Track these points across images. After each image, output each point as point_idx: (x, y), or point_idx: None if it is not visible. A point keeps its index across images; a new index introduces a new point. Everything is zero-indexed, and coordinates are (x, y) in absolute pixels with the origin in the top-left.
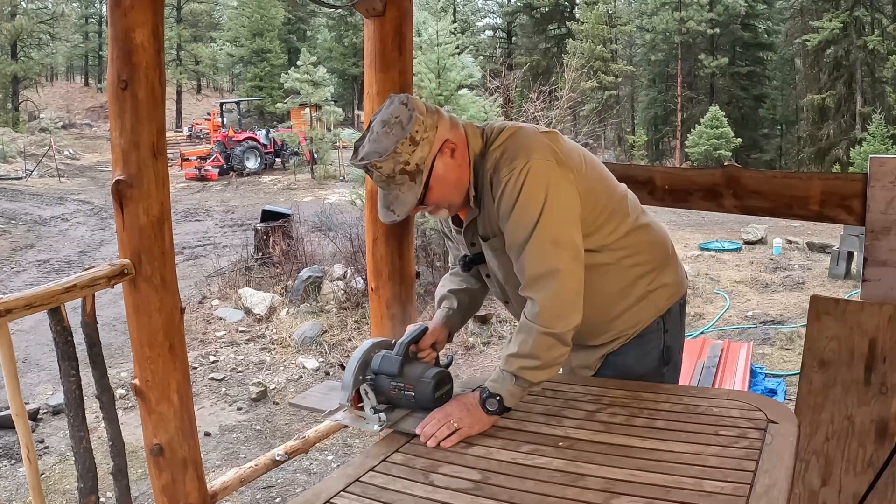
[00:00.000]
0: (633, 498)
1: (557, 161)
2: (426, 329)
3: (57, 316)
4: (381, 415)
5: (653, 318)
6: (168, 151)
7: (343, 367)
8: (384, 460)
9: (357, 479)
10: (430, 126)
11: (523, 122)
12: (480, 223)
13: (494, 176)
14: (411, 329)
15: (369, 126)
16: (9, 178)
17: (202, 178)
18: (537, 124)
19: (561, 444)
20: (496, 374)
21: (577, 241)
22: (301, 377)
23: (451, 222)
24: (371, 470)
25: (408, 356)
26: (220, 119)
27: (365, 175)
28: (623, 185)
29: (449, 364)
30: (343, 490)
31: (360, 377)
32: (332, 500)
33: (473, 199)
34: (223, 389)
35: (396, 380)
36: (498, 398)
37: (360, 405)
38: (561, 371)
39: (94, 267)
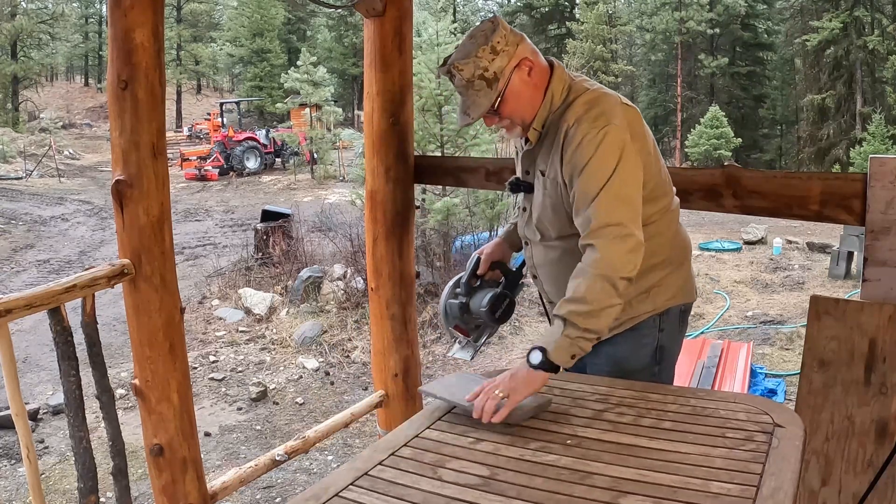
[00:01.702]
0: (641, 497)
1: (632, 134)
2: (479, 260)
3: (57, 316)
4: (470, 350)
5: (649, 314)
6: (168, 151)
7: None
8: (392, 454)
9: (365, 473)
10: (511, 42)
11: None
12: (540, 158)
13: (573, 128)
14: (469, 261)
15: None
16: (9, 178)
17: (202, 178)
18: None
19: (569, 442)
20: (548, 329)
21: (640, 205)
22: (301, 377)
23: (522, 141)
24: (379, 464)
25: (470, 290)
26: (220, 119)
27: (364, 176)
28: (673, 187)
29: (519, 269)
30: (351, 484)
31: (449, 326)
32: (340, 494)
33: (539, 132)
34: (223, 389)
35: (467, 318)
36: (542, 349)
37: (458, 341)
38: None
39: (94, 267)
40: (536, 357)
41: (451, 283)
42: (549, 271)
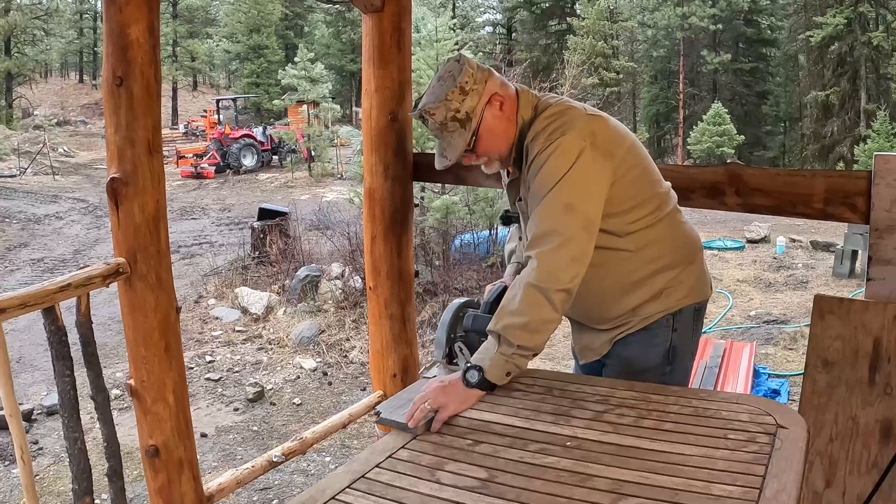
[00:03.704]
0: (642, 500)
1: (592, 143)
2: (506, 287)
3: (51, 315)
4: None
5: (661, 314)
6: (164, 149)
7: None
8: (390, 457)
9: (362, 476)
10: (479, 79)
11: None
12: (522, 185)
13: (531, 144)
14: (491, 288)
15: (429, 84)
16: (3, 176)
17: (198, 175)
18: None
19: (569, 443)
20: (482, 345)
21: (592, 214)
22: (298, 377)
23: (505, 174)
24: (377, 466)
25: (492, 311)
26: (216, 116)
27: (362, 174)
28: (667, 184)
29: None
30: (348, 486)
31: (452, 335)
32: (337, 497)
33: (514, 160)
34: (219, 390)
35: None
36: (479, 368)
37: (454, 361)
38: (571, 349)
39: (88, 266)
40: (474, 376)
41: (458, 301)
42: None
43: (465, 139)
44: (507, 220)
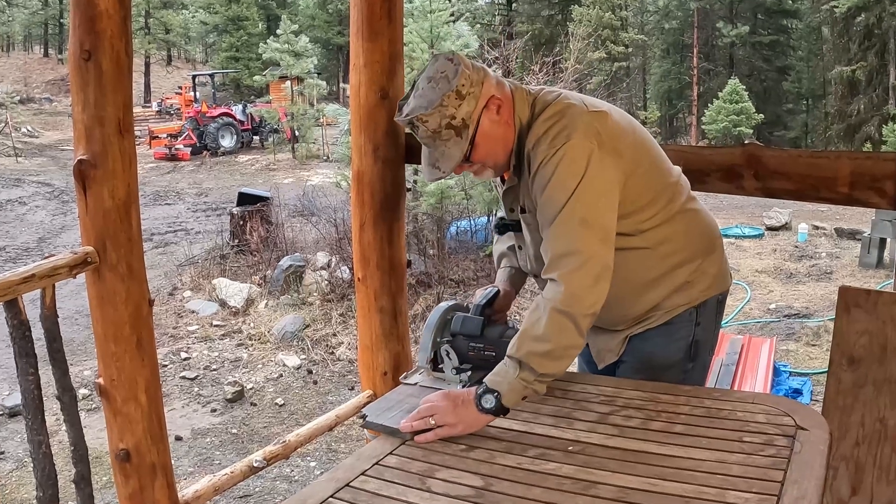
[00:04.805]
0: None
1: (599, 143)
2: (498, 292)
3: (14, 309)
4: (464, 375)
5: (684, 307)
6: (136, 128)
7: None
8: (377, 464)
9: (347, 484)
10: (475, 81)
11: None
12: (521, 193)
13: (533, 151)
14: (483, 292)
15: (414, 84)
16: None
17: (173, 157)
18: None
19: (571, 448)
20: (498, 367)
21: (609, 224)
22: (281, 375)
23: (498, 179)
24: (362, 474)
25: (485, 318)
26: (192, 93)
27: (350, 155)
28: (677, 169)
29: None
30: (332, 496)
31: (439, 339)
32: None
33: (514, 167)
34: (196, 389)
35: (477, 341)
36: (496, 394)
37: (439, 367)
38: (586, 350)
39: (54, 255)
40: (490, 402)
41: (447, 304)
42: None
43: (462, 148)
44: (503, 228)
